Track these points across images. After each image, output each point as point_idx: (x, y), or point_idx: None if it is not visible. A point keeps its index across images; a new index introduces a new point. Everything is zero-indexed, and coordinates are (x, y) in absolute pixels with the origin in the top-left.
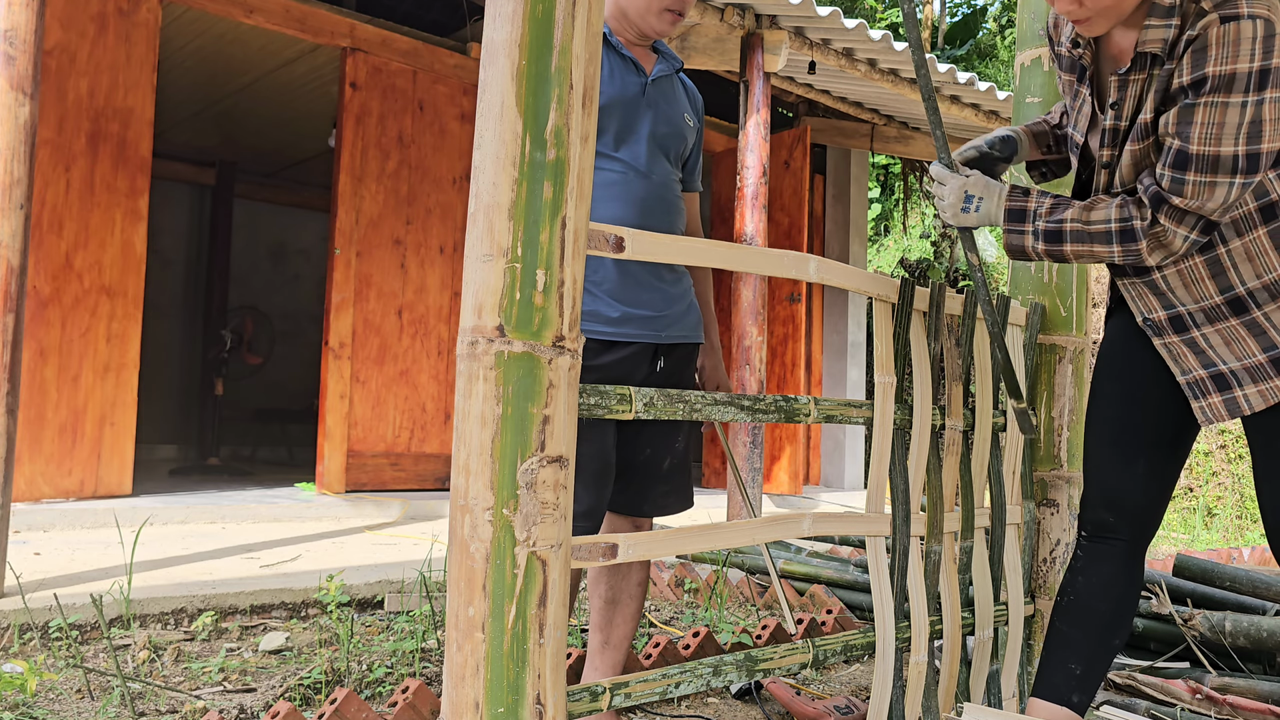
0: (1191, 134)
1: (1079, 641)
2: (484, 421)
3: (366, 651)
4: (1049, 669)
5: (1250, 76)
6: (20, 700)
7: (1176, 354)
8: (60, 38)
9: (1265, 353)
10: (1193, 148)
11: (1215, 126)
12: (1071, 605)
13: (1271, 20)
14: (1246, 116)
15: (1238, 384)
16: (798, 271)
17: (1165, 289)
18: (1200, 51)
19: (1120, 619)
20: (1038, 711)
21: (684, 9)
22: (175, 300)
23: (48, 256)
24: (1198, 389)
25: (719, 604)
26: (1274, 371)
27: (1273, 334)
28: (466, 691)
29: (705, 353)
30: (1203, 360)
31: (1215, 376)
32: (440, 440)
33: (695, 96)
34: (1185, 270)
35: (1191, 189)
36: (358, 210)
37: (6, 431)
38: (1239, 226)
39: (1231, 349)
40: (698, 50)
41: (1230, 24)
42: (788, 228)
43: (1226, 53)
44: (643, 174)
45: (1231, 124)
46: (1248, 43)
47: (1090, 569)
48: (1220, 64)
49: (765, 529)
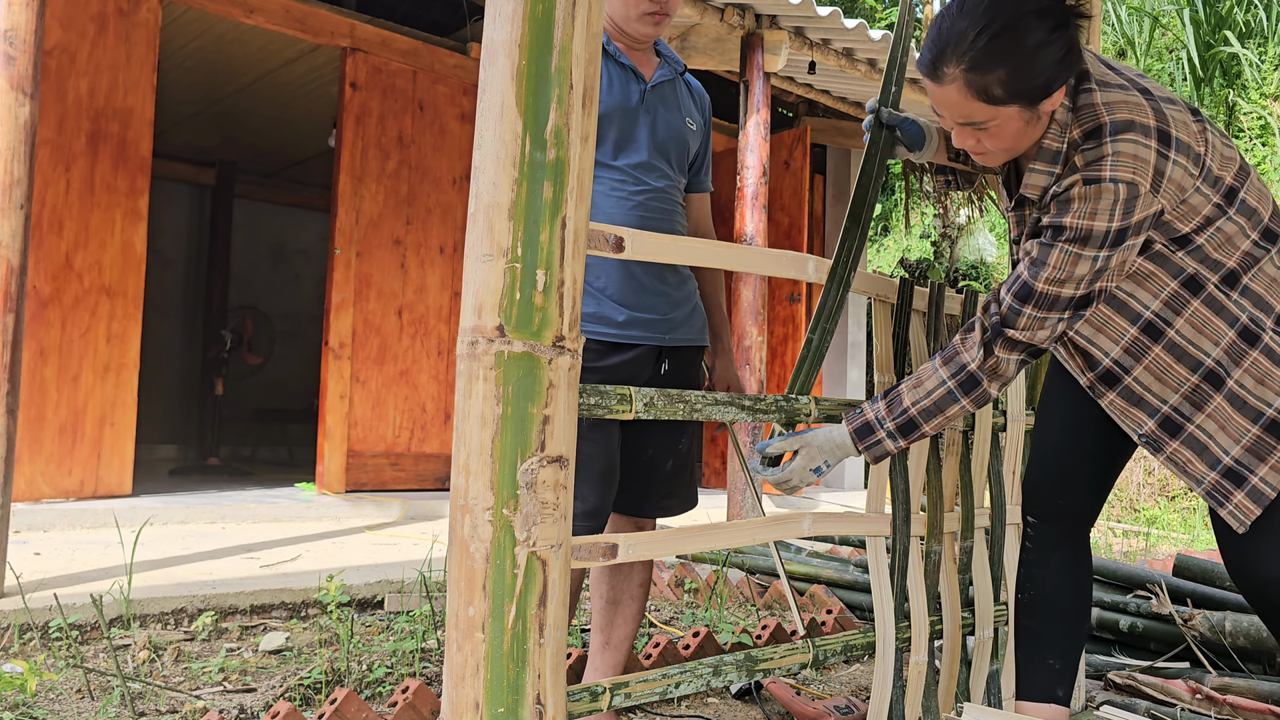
0: (1040, 273)
1: (1052, 636)
2: (484, 421)
3: (366, 651)
4: (1029, 669)
5: (1107, 235)
6: (20, 700)
7: (1183, 463)
8: (60, 38)
9: (1256, 424)
10: (1039, 285)
11: (1065, 272)
12: (1035, 600)
13: (1135, 183)
14: (1095, 268)
15: (1249, 471)
16: (797, 271)
17: (1143, 392)
18: (1064, 203)
19: (1084, 604)
20: (1028, 713)
21: (667, 9)
22: (175, 300)
23: (48, 256)
24: (1218, 495)
25: (719, 604)
26: (1274, 439)
27: (1253, 401)
28: (466, 691)
29: (717, 353)
30: (1209, 460)
31: (1226, 473)
32: (440, 440)
33: (701, 97)
34: (1151, 364)
35: (1026, 321)
36: (358, 210)
37: (6, 431)
38: (1174, 306)
39: (1228, 432)
40: (698, 50)
41: (1093, 185)
42: (788, 228)
43: (1087, 209)
44: (642, 182)
45: (1080, 274)
46: (1108, 204)
47: (1045, 560)
48: (1079, 218)
49: (765, 529)
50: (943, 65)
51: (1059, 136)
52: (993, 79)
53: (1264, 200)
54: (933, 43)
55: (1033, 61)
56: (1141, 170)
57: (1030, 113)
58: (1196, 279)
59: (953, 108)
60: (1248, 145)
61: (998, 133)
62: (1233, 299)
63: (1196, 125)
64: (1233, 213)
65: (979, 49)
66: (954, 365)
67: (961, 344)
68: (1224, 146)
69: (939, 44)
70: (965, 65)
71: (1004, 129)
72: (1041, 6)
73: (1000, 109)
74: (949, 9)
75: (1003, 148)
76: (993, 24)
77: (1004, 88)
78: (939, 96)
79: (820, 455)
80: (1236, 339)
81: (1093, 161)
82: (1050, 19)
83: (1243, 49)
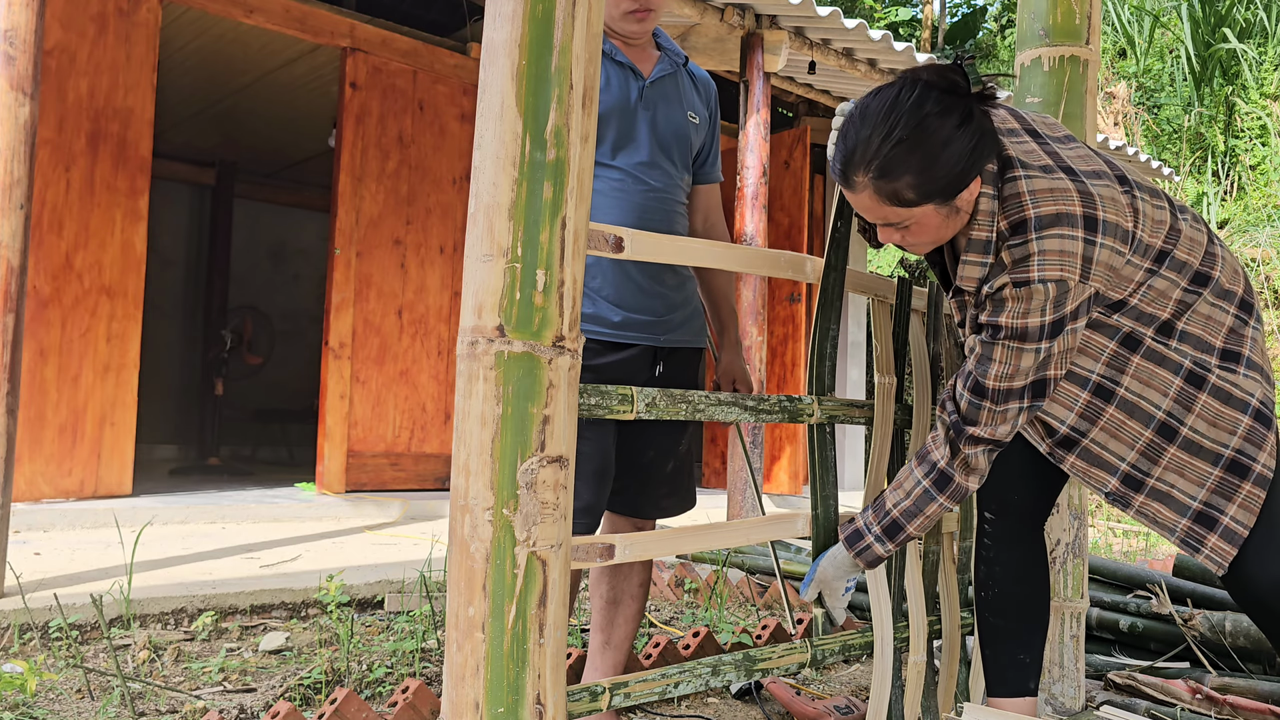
0: (989, 370)
1: (1018, 631)
2: (484, 421)
3: (366, 651)
4: (1000, 666)
5: (1042, 329)
6: (20, 700)
7: (1153, 514)
8: (60, 38)
9: (1217, 466)
10: (989, 382)
11: (1010, 367)
12: (999, 598)
13: (1064, 279)
14: (1039, 359)
15: (1219, 512)
16: (796, 272)
17: (1100, 451)
18: (998, 303)
19: (1046, 595)
20: (1004, 709)
21: (650, 4)
22: (175, 300)
23: (48, 256)
24: (1192, 541)
25: (719, 604)
26: (1237, 478)
27: (1209, 445)
28: (466, 691)
29: (723, 346)
30: (1176, 507)
31: (1197, 518)
32: (440, 440)
33: (705, 86)
34: (1106, 424)
35: (986, 416)
36: (358, 210)
37: (6, 431)
38: (1116, 365)
39: (1188, 478)
40: (698, 50)
41: (1022, 288)
42: (788, 228)
43: (1020, 309)
44: (641, 181)
45: (1025, 366)
46: (1039, 303)
47: (1002, 556)
48: (1013, 318)
49: (764, 529)
50: (852, 174)
51: (988, 225)
52: (902, 184)
53: (1195, 249)
54: (840, 152)
55: (938, 161)
56: (1069, 265)
57: (947, 208)
58: (1133, 335)
59: (869, 212)
60: (1247, 145)
61: (918, 230)
62: (1172, 347)
63: (1125, 197)
64: (1163, 270)
65: (884, 156)
66: (926, 464)
67: (932, 442)
68: (1154, 210)
69: (845, 154)
70: (873, 174)
71: (923, 225)
72: (942, 107)
73: (914, 210)
74: (852, 117)
75: (926, 240)
76: (894, 131)
77: (914, 190)
78: (854, 201)
79: (836, 581)
80: (1184, 385)
81: (1020, 260)
82: (953, 116)
83: (1242, 48)
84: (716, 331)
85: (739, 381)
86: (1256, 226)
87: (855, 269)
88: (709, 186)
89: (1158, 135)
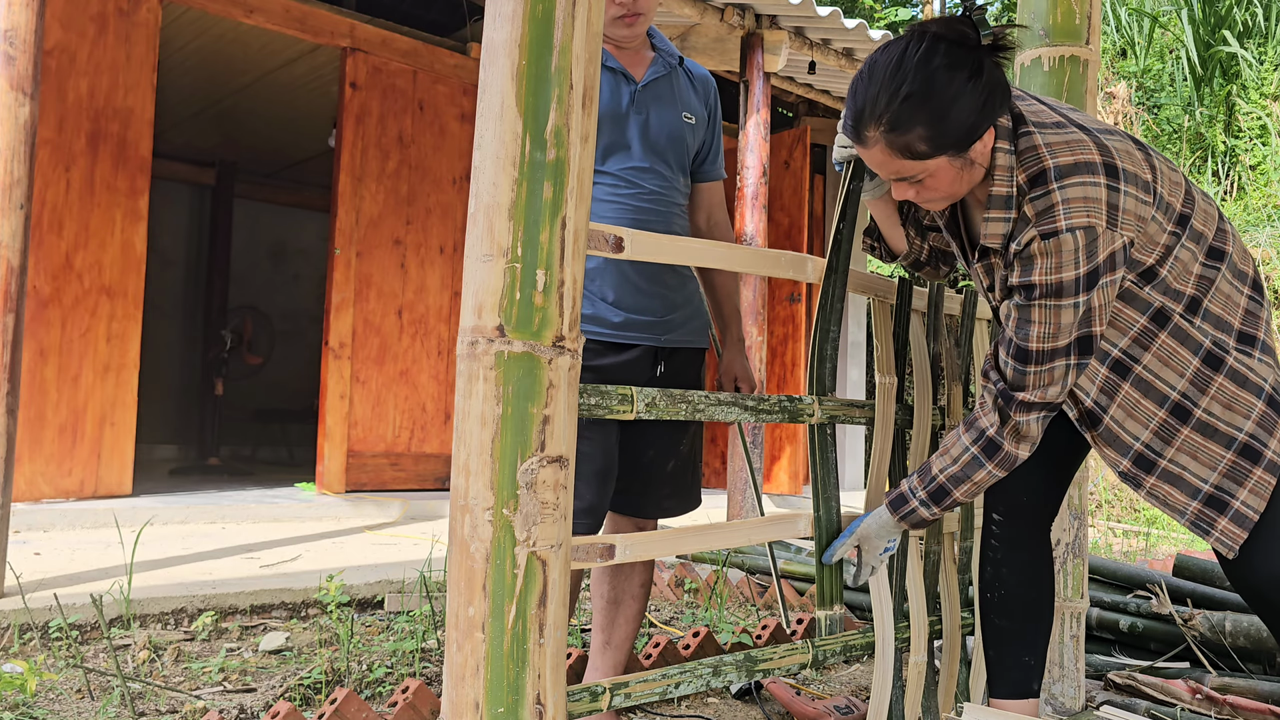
0: (1030, 333)
1: (1023, 633)
2: (484, 421)
3: (366, 651)
4: (1004, 667)
5: (1078, 282)
6: (20, 700)
7: (1163, 496)
8: (60, 38)
9: (1230, 449)
10: (1032, 345)
11: (1052, 326)
12: (1005, 600)
13: (1092, 225)
14: (1079, 314)
15: (1230, 495)
16: (796, 272)
17: (1118, 430)
18: (1027, 260)
19: (1048, 597)
20: (1007, 709)
21: (638, 8)
22: (175, 300)
23: (48, 256)
24: (1202, 524)
25: (719, 604)
26: (1249, 463)
27: (1223, 428)
28: (466, 691)
29: (726, 343)
30: (1187, 490)
31: (1208, 501)
32: (440, 440)
33: (704, 84)
34: (1122, 401)
35: (1034, 379)
36: (358, 210)
37: (6, 431)
38: (1142, 342)
39: (1201, 460)
40: (698, 50)
41: (1051, 239)
42: (788, 228)
43: (1051, 263)
44: (634, 185)
45: (1066, 323)
46: (1070, 253)
47: (1009, 558)
48: (1046, 274)
49: (764, 529)
50: (863, 130)
51: (1007, 181)
52: (913, 136)
53: (1209, 222)
54: (851, 109)
55: (949, 114)
56: (1095, 210)
57: (961, 159)
58: (1163, 311)
59: (882, 166)
60: (1247, 145)
61: (932, 183)
62: (1196, 325)
63: (1140, 153)
64: (1185, 239)
65: (893, 111)
66: (974, 431)
67: (980, 409)
68: (1170, 172)
69: (856, 110)
70: (884, 127)
71: (938, 178)
72: (951, 59)
73: (928, 162)
74: (861, 75)
75: (941, 195)
76: (901, 86)
77: (926, 143)
78: (867, 157)
79: (878, 539)
80: (1201, 366)
81: (1044, 212)
82: (962, 70)
83: (1241, 49)
84: (719, 329)
85: (741, 380)
86: (1256, 226)
87: (855, 269)
88: (711, 184)
89: (1158, 135)
